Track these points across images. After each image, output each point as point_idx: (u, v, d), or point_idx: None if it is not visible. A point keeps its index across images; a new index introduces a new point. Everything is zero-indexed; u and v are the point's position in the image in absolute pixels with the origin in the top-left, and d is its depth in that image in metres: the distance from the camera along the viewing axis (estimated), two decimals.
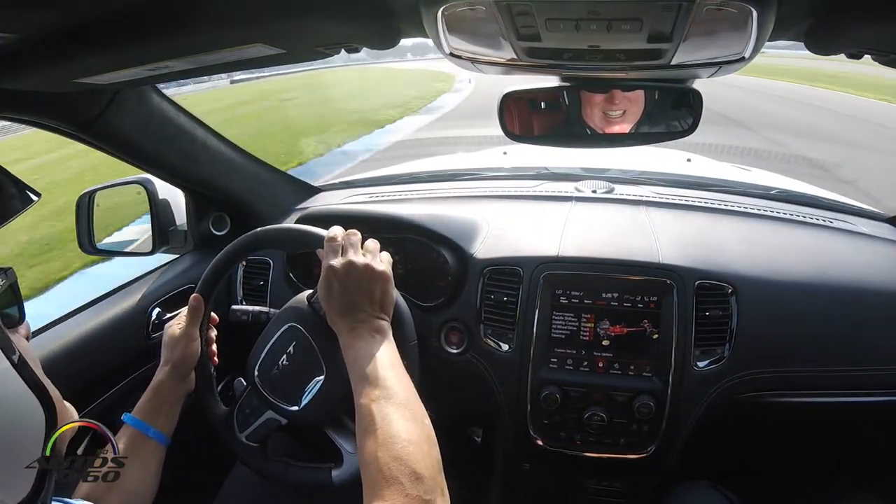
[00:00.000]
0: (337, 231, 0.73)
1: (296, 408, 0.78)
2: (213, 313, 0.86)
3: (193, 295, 0.82)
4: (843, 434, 1.14)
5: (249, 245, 0.84)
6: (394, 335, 0.70)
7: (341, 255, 0.71)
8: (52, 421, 0.48)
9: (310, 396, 0.78)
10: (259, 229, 0.84)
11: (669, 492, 0.98)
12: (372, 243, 0.73)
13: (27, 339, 0.54)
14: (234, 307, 0.96)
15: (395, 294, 0.74)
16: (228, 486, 1.18)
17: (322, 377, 0.77)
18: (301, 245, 0.81)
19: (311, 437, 0.81)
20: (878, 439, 1.13)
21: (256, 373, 0.81)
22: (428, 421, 0.60)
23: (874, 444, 1.15)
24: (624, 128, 0.83)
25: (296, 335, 0.79)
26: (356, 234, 0.73)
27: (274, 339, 0.81)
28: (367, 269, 0.69)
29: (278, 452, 0.84)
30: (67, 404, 0.53)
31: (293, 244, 0.83)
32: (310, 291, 0.83)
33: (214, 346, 0.86)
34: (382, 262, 0.72)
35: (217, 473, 1.20)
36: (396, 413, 0.58)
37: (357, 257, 0.70)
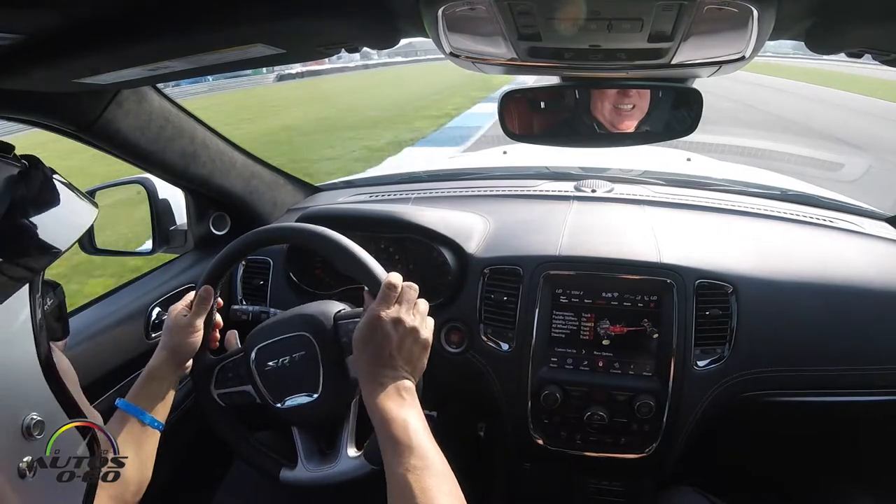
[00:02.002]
0: (397, 280, 0.72)
1: (278, 405, 0.78)
2: (219, 298, 0.85)
3: (205, 286, 0.81)
4: (843, 433, 1.14)
5: (312, 240, 0.80)
6: None
7: (394, 305, 0.69)
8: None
9: (293, 404, 0.78)
10: (329, 237, 0.77)
11: (653, 496, 0.97)
12: (423, 304, 0.72)
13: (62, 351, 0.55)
14: (234, 307, 0.96)
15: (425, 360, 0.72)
16: (227, 485, 1.18)
17: (314, 397, 0.77)
18: (355, 273, 0.76)
19: (285, 429, 0.81)
20: (878, 438, 1.13)
21: (254, 354, 0.80)
22: (459, 491, 0.59)
23: (874, 443, 1.15)
24: (633, 123, 0.82)
25: (307, 346, 0.78)
26: (414, 290, 0.72)
27: (285, 336, 0.79)
28: (414, 332, 0.68)
29: (248, 426, 0.84)
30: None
31: (346, 266, 0.77)
32: (338, 308, 0.81)
33: (217, 333, 0.86)
34: (428, 328, 0.71)
35: (216, 472, 1.20)
36: (436, 486, 0.57)
37: (408, 317, 0.69)
